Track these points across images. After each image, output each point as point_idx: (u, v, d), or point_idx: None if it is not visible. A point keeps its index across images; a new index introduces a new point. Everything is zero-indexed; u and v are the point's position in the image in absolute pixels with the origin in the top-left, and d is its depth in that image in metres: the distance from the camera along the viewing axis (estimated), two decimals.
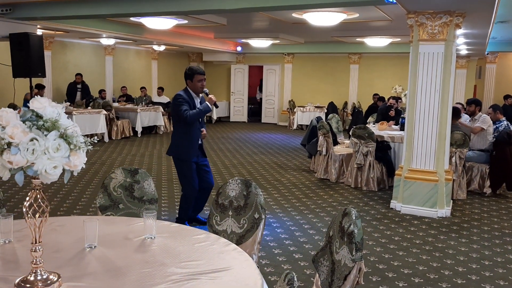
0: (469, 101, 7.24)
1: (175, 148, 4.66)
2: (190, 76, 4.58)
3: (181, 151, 4.61)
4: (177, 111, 4.49)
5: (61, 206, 5.67)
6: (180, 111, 4.45)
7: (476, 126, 6.77)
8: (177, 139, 4.64)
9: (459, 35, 8.00)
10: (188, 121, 4.47)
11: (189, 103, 4.53)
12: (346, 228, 2.08)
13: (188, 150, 4.61)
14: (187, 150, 4.61)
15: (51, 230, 2.32)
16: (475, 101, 7.16)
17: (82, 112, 10.52)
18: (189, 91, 4.60)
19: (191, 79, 4.57)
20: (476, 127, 6.77)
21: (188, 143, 4.60)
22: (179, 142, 4.62)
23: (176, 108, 4.51)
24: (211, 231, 2.78)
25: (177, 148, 4.64)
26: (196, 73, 4.55)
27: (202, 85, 4.58)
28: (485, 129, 6.73)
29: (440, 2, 4.95)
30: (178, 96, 4.56)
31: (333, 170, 7.30)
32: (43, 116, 1.61)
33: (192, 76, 4.56)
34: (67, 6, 7.70)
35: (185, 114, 4.43)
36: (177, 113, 4.52)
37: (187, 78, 4.60)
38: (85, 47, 13.48)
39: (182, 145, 4.60)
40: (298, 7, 6.68)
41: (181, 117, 4.46)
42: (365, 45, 13.37)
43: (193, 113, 4.48)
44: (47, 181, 1.61)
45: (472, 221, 5.40)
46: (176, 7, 7.14)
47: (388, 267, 3.97)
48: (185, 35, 12.97)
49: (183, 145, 4.60)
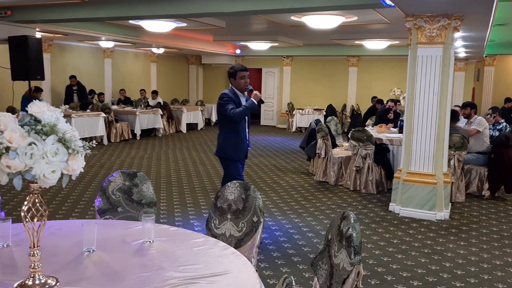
0: (465, 104, 7.25)
1: (223, 149, 4.53)
2: (233, 74, 4.47)
3: (229, 152, 4.51)
4: (222, 110, 4.40)
5: (60, 209, 5.67)
6: (225, 110, 4.36)
7: (472, 129, 6.78)
8: (224, 140, 4.53)
9: (457, 38, 8.02)
10: (234, 119, 4.36)
11: (235, 101, 4.42)
12: (344, 232, 2.08)
13: (236, 150, 4.51)
14: (235, 150, 4.51)
15: (49, 234, 2.31)
16: (470, 104, 7.17)
17: (81, 115, 10.52)
18: (234, 90, 4.49)
19: (234, 77, 4.46)
20: (472, 129, 6.78)
21: (236, 142, 4.50)
22: (226, 142, 4.50)
23: (221, 107, 4.41)
24: (210, 235, 2.78)
25: (224, 148, 4.52)
26: (238, 70, 4.44)
27: (245, 82, 4.46)
28: (481, 132, 6.75)
29: (439, 5, 4.96)
30: (223, 95, 4.46)
31: (332, 172, 7.30)
32: (41, 121, 1.61)
33: (235, 73, 4.45)
34: (66, 9, 7.71)
35: (231, 113, 4.33)
36: (222, 112, 4.42)
37: (230, 76, 4.49)
38: (84, 50, 13.49)
39: (229, 145, 4.50)
40: (297, 10, 6.70)
41: (227, 116, 4.37)
42: (363, 48, 13.40)
43: (239, 111, 4.36)
44: (45, 185, 1.61)
45: (470, 223, 5.40)
46: (175, 10, 7.15)
47: (387, 270, 3.97)
48: (184, 37, 12.99)
49: (231, 145, 4.49)
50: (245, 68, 4.49)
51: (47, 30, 9.62)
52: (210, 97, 17.98)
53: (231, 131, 4.49)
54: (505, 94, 13.97)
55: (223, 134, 4.55)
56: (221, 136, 4.57)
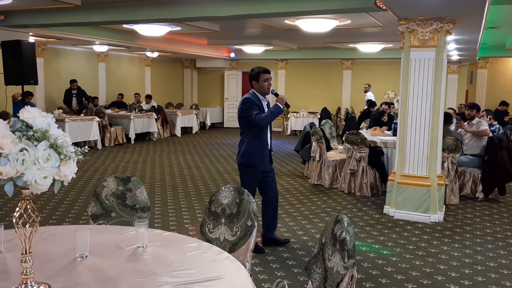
0: (471, 106, 7.09)
1: (247, 155, 4.34)
2: (255, 77, 4.31)
3: (253, 158, 4.32)
4: (247, 115, 4.23)
5: (53, 214, 5.64)
6: (250, 115, 4.19)
7: (485, 129, 6.74)
8: (247, 146, 4.33)
9: (450, 41, 8.08)
10: (261, 125, 4.21)
11: (258, 106, 4.26)
12: (338, 235, 2.08)
13: (262, 155, 4.36)
14: (261, 155, 4.36)
15: (42, 240, 2.30)
16: (476, 106, 7.12)
17: (75, 119, 10.49)
18: (256, 94, 4.33)
19: (257, 79, 4.30)
20: (485, 130, 6.73)
21: (261, 148, 4.36)
22: (251, 148, 4.32)
23: (246, 112, 4.24)
24: (204, 239, 2.77)
25: (250, 154, 4.33)
26: (262, 73, 4.29)
27: (269, 85, 4.31)
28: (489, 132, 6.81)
29: (431, 9, 5.00)
30: (246, 99, 4.28)
31: (327, 175, 7.31)
32: (33, 126, 1.60)
33: (258, 76, 4.29)
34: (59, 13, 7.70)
35: (257, 118, 4.17)
36: (246, 118, 4.25)
37: (253, 79, 4.33)
38: (78, 54, 13.46)
39: (253, 152, 4.32)
40: (290, 14, 6.73)
41: (252, 121, 4.20)
42: (357, 51, 13.46)
43: (265, 116, 4.21)
44: (37, 191, 1.60)
45: (464, 226, 5.42)
46: (169, 14, 7.16)
47: (382, 273, 3.98)
48: (178, 41, 12.99)
49: (255, 152, 4.32)
50: (268, 70, 4.35)
51: (40, 34, 9.59)
52: (205, 101, 17.99)
53: (256, 136, 4.32)
54: (498, 97, 14.07)
55: (247, 140, 4.35)
56: (245, 142, 4.37)
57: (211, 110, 16.88)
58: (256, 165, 4.35)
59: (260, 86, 4.31)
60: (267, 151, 4.43)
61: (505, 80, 14.70)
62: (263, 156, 4.36)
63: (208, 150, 11.31)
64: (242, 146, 4.39)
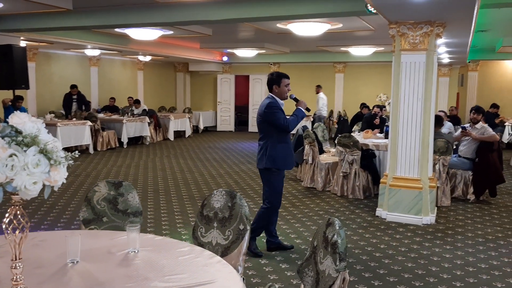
0: (479, 110, 6.96)
1: (272, 159, 4.29)
2: (277, 82, 4.32)
3: (279, 161, 4.31)
4: (274, 119, 4.22)
5: (45, 219, 5.60)
6: (278, 119, 4.21)
7: (494, 134, 6.73)
8: (272, 150, 4.29)
9: (440, 44, 8.15)
10: (289, 129, 4.25)
11: (282, 110, 4.27)
12: (329, 238, 2.09)
13: (288, 159, 4.38)
14: (287, 159, 4.36)
15: (33, 246, 2.29)
16: (482, 110, 7.07)
17: (67, 123, 10.42)
18: (275, 98, 4.33)
19: (278, 84, 4.32)
20: (494, 135, 6.71)
21: (288, 152, 4.38)
22: (276, 152, 4.29)
23: (272, 116, 4.23)
24: (196, 243, 2.77)
25: (274, 158, 4.29)
26: (283, 77, 4.33)
27: (288, 90, 4.36)
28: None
29: (421, 13, 5.05)
30: (271, 104, 4.27)
31: (319, 178, 7.33)
32: (22, 132, 1.60)
33: (279, 80, 4.31)
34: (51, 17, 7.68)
35: (286, 122, 4.20)
36: (274, 122, 4.24)
37: (274, 83, 4.33)
38: (69, 58, 13.41)
39: (280, 156, 4.30)
40: (282, 18, 6.76)
41: (279, 126, 4.22)
42: (349, 54, 13.54)
43: (292, 120, 4.25)
44: (26, 197, 1.59)
45: (456, 227, 5.46)
46: (161, 18, 7.16)
47: (374, 276, 3.99)
48: (171, 45, 12.99)
49: (282, 156, 4.31)
50: (288, 75, 4.41)
51: (32, 38, 9.55)
52: (198, 105, 17.98)
53: (280, 140, 4.31)
54: (488, 99, 14.20)
55: (271, 144, 4.31)
56: (268, 146, 4.32)
57: (204, 114, 16.87)
58: (282, 168, 4.40)
59: (282, 90, 4.34)
60: (292, 151, 4.54)
61: (495, 83, 14.85)
62: (287, 158, 4.40)
63: (201, 153, 11.30)
64: (265, 151, 4.33)
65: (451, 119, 10.26)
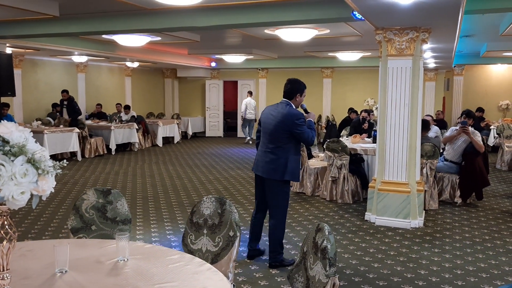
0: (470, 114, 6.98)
1: (292, 173, 4.15)
2: (302, 91, 4.24)
3: (295, 174, 4.18)
4: (302, 132, 4.08)
5: (32, 228, 5.53)
6: (306, 133, 4.09)
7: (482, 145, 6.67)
8: (294, 163, 4.17)
9: (426, 49, 8.26)
10: (312, 143, 4.25)
11: None
12: (319, 244, 2.10)
13: (299, 169, 4.29)
14: (298, 169, 4.28)
15: (20, 256, 2.26)
16: (473, 116, 7.03)
17: (54, 130, 10.32)
18: (293, 106, 4.23)
19: (301, 93, 4.24)
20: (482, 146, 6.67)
21: (298, 162, 4.28)
22: (296, 165, 4.18)
23: (298, 128, 4.07)
24: (186, 251, 2.76)
25: (294, 172, 4.16)
26: (305, 88, 4.30)
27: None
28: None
29: (406, 19, 5.12)
30: (300, 114, 4.14)
31: (309, 183, 7.36)
32: (9, 141, 1.59)
33: (303, 91, 4.26)
34: (37, 24, 7.61)
35: (311, 137, 4.13)
36: (300, 135, 4.09)
37: (298, 92, 4.22)
38: (56, 65, 13.30)
39: (297, 168, 4.21)
40: (270, 24, 6.79)
41: (307, 139, 4.12)
42: (337, 60, 13.63)
43: (312, 134, 4.17)
44: (14, 207, 1.58)
45: (444, 230, 5.51)
46: (149, 25, 7.14)
47: (364, 280, 4.01)
48: (159, 51, 12.96)
49: (297, 165, 4.20)
50: None
51: (18, 45, 9.45)
52: (186, 110, 17.93)
53: (297, 152, 4.23)
54: (474, 103, 14.40)
55: (291, 156, 4.15)
56: (288, 158, 4.14)
57: (192, 120, 16.84)
58: (296, 180, 4.32)
59: (301, 100, 4.28)
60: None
61: (480, 87, 15.07)
62: (299, 169, 4.32)
63: (190, 159, 11.26)
64: (285, 163, 4.13)
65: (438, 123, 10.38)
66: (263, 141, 4.31)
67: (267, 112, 4.32)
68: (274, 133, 4.17)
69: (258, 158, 4.32)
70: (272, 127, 4.18)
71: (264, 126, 4.29)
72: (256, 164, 4.35)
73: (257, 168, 4.31)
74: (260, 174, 4.27)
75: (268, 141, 4.23)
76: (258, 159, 4.32)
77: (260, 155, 4.29)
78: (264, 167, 4.22)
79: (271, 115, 4.23)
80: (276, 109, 4.24)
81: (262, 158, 4.26)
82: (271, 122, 4.20)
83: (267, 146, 4.23)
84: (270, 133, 4.20)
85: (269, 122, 4.22)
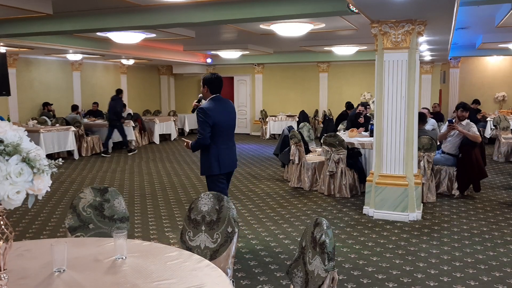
0: (465, 107, 6.92)
1: None
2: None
3: None
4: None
5: (30, 228, 5.51)
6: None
7: (478, 135, 6.66)
8: None
9: (422, 42, 8.25)
10: None
11: None
12: (318, 238, 2.10)
13: None
14: None
15: (17, 256, 2.25)
16: (469, 108, 7.03)
17: (50, 129, 10.28)
18: None
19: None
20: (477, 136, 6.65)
21: None
22: None
23: None
24: (185, 248, 2.75)
25: None
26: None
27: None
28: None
29: (401, 11, 5.10)
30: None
31: (306, 178, 7.36)
32: (4, 141, 1.57)
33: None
34: (31, 22, 7.55)
35: None
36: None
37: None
38: (51, 64, 13.22)
39: None
40: (265, 19, 6.76)
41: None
42: (333, 54, 13.60)
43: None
44: (10, 207, 1.57)
45: (442, 223, 5.52)
46: (143, 22, 7.10)
47: (363, 273, 4.02)
48: (154, 48, 12.90)
49: None
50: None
51: (11, 44, 9.38)
52: (182, 107, 17.89)
53: None
54: (470, 95, 14.43)
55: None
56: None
57: (189, 116, 16.78)
58: None
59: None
60: None
61: (476, 79, 15.09)
62: None
63: (187, 156, 11.24)
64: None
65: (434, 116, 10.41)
66: (223, 138, 4.29)
67: (219, 110, 4.26)
68: (233, 127, 4.41)
69: (230, 156, 4.37)
70: (233, 122, 4.40)
71: (221, 125, 4.25)
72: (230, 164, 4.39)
73: (232, 165, 4.44)
74: (234, 168, 4.48)
75: (228, 137, 4.36)
76: (230, 157, 4.37)
77: (228, 153, 4.35)
78: (234, 160, 4.47)
79: (226, 111, 4.34)
80: (226, 105, 4.37)
81: (232, 154, 4.41)
82: (231, 117, 4.38)
83: (228, 142, 4.35)
84: (231, 128, 4.39)
85: (226, 119, 4.31)
